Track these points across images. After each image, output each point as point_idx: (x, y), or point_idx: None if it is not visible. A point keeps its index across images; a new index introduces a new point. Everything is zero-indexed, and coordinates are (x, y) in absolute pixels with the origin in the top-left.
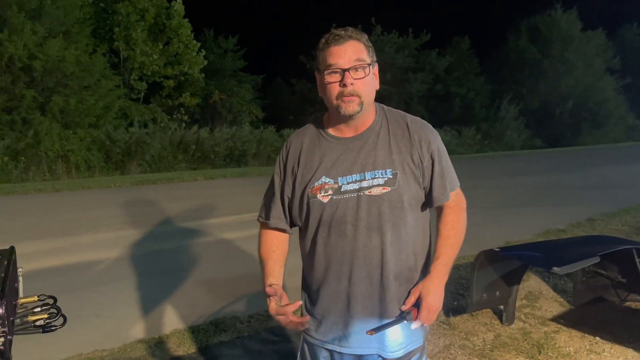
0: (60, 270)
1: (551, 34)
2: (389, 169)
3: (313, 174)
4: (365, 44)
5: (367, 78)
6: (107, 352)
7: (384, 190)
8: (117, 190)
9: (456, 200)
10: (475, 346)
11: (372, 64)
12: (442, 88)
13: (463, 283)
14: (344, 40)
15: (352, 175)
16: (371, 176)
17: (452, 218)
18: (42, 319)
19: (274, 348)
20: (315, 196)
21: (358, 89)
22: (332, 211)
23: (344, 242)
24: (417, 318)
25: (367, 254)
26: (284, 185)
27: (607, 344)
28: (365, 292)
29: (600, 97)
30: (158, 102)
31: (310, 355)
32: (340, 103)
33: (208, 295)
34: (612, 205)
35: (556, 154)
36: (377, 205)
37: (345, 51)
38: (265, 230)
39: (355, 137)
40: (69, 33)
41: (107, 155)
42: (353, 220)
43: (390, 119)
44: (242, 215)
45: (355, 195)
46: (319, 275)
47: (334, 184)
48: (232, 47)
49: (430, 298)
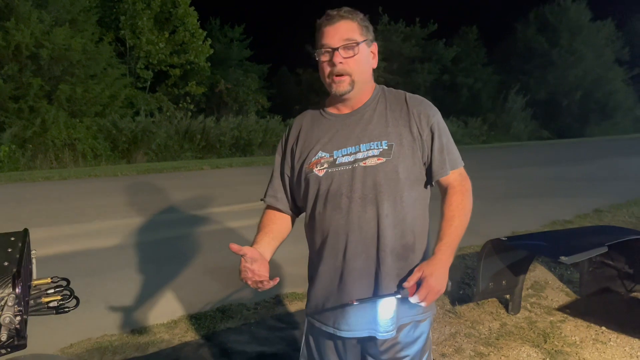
0: (69, 257)
1: (560, 24)
2: (384, 140)
3: (310, 150)
4: (360, 23)
5: (357, 57)
6: (116, 336)
7: (378, 161)
8: (123, 179)
9: (460, 180)
10: (481, 335)
11: (366, 42)
12: (449, 78)
13: (469, 272)
14: (336, 20)
15: (347, 148)
16: (366, 147)
17: (456, 199)
18: (55, 300)
19: (280, 335)
20: (311, 171)
21: (348, 68)
22: (327, 184)
23: (339, 215)
24: (416, 294)
25: (362, 226)
26: (284, 164)
27: (613, 334)
28: (361, 268)
29: (609, 88)
30: (164, 91)
31: (314, 341)
32: (331, 82)
33: (214, 283)
34: (619, 196)
35: (563, 146)
36: (372, 176)
37: (336, 31)
38: (268, 208)
39: (351, 113)
40: (75, 21)
41: (114, 144)
42: (348, 192)
43: (389, 96)
44: (248, 204)
45: (350, 167)
46: (317, 252)
47: (329, 158)
48: (238, 36)
49: (433, 280)
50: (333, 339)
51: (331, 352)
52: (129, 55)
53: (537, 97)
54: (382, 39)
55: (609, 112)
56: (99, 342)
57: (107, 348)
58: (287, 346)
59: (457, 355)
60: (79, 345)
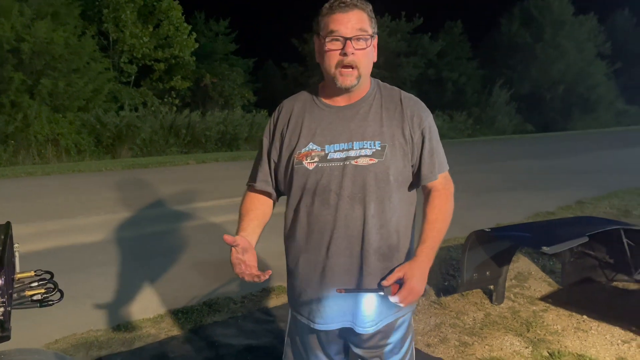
0: (53, 253)
1: (543, 19)
2: (377, 141)
3: (300, 140)
4: (369, 14)
5: (367, 50)
6: (101, 332)
7: (370, 162)
8: (108, 174)
9: (444, 183)
10: (466, 325)
11: (373, 35)
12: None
13: (454, 263)
14: (349, 8)
15: (339, 143)
16: (359, 146)
17: (439, 202)
18: (39, 293)
19: (267, 328)
20: (300, 162)
21: (358, 60)
22: (316, 179)
23: (326, 211)
24: (396, 295)
25: (349, 224)
26: (271, 148)
27: (594, 323)
28: (344, 265)
29: (591, 82)
30: (149, 86)
31: (297, 332)
32: (337, 74)
33: (201, 277)
34: (601, 189)
35: (547, 139)
36: (362, 175)
37: (349, 19)
38: (250, 192)
39: (347, 106)
40: (57, 15)
41: (98, 139)
42: (337, 189)
43: (384, 92)
44: (234, 199)
45: (341, 164)
46: (299, 244)
47: (321, 151)
48: (223, 30)
49: (414, 281)
50: (316, 330)
51: (314, 343)
52: (113, 49)
53: (521, 91)
54: None
55: (591, 106)
56: (84, 338)
57: (93, 343)
58: (274, 339)
59: (442, 345)
60: (64, 341)
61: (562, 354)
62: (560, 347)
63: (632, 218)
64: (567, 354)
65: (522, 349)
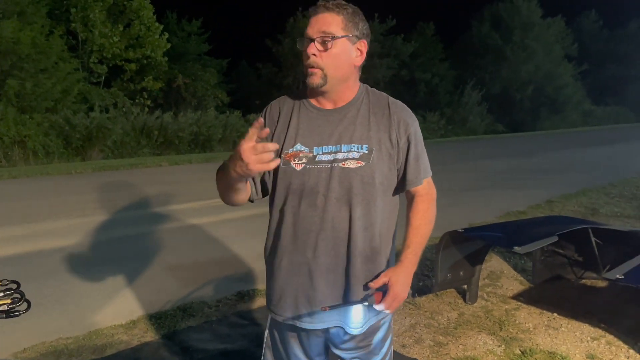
0: (20, 259)
1: (513, 21)
2: (365, 145)
3: (288, 140)
4: (345, 16)
5: (331, 51)
6: (71, 339)
7: (357, 165)
8: (78, 177)
9: (427, 189)
10: (440, 324)
11: (349, 38)
12: (408, 73)
13: (428, 264)
14: (320, 11)
15: (328, 146)
16: (347, 149)
17: (422, 207)
18: (5, 304)
19: (242, 331)
20: (288, 163)
21: (320, 62)
22: (304, 180)
23: (313, 213)
24: (381, 303)
25: (335, 225)
26: None
27: (564, 320)
28: (330, 265)
29: (559, 83)
30: (119, 86)
31: (277, 334)
32: (306, 74)
33: (175, 281)
34: (569, 187)
35: (517, 139)
36: (349, 178)
37: (317, 22)
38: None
39: (334, 109)
40: (23, 14)
41: (67, 141)
42: (324, 191)
43: (372, 98)
44: (208, 201)
45: (329, 166)
46: (284, 244)
47: (309, 153)
48: (195, 30)
49: (398, 287)
50: (297, 331)
51: (295, 343)
52: (82, 49)
53: (492, 92)
54: None
55: (559, 107)
56: (53, 346)
57: (63, 351)
58: (249, 342)
59: (417, 345)
60: (32, 350)
61: (533, 351)
62: (532, 344)
63: (600, 216)
64: (539, 352)
65: (495, 347)
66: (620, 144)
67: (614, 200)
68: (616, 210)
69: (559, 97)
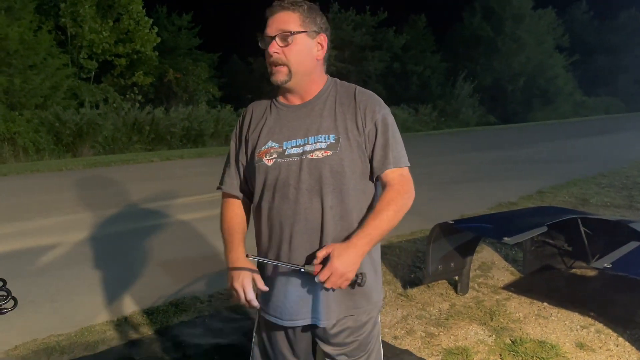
0: (10, 256)
1: (504, 12)
2: (332, 134)
3: (260, 139)
4: (302, 13)
5: (293, 47)
6: (63, 336)
7: (325, 154)
8: (68, 173)
9: (399, 180)
10: (432, 316)
11: (308, 33)
12: (400, 66)
13: (419, 256)
14: (276, 10)
15: (296, 139)
16: (314, 140)
17: (389, 195)
18: None
19: (235, 326)
20: (260, 160)
21: (284, 58)
22: (276, 174)
23: (287, 206)
24: (318, 275)
25: (308, 217)
26: (239, 152)
27: (554, 309)
28: (305, 258)
29: (550, 74)
30: (110, 82)
31: (265, 330)
32: (271, 72)
33: (167, 277)
34: (560, 178)
35: (509, 130)
36: (318, 168)
37: (274, 21)
38: (225, 198)
39: (302, 104)
40: (11, 9)
41: (57, 137)
42: (295, 184)
43: (340, 89)
44: (200, 196)
45: (298, 158)
46: (264, 240)
47: (279, 148)
48: (186, 24)
49: (338, 262)
50: (282, 328)
51: (282, 341)
52: (71, 44)
53: (483, 84)
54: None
55: (551, 97)
56: (45, 343)
57: (54, 348)
58: (242, 336)
59: (408, 336)
60: (24, 347)
61: (524, 340)
62: (522, 334)
63: (590, 206)
64: (529, 341)
65: (486, 337)
66: (611, 134)
67: (604, 190)
68: (606, 200)
69: (551, 88)
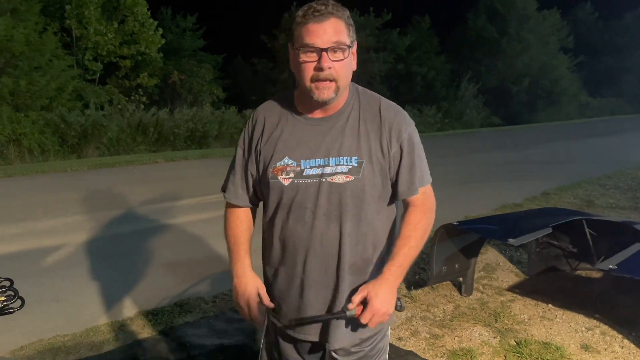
0: (16, 257)
1: (508, 13)
2: (354, 157)
3: (276, 154)
4: (347, 21)
5: (346, 61)
6: (69, 336)
7: (346, 179)
8: (73, 174)
9: (423, 199)
10: (436, 317)
11: (351, 44)
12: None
13: (424, 257)
14: (324, 17)
15: (315, 159)
16: (335, 162)
17: (415, 218)
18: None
19: (239, 326)
20: (276, 177)
21: (335, 73)
22: (292, 195)
23: (302, 229)
24: (360, 317)
25: (324, 243)
26: (248, 161)
27: (559, 311)
28: (320, 280)
29: (555, 75)
30: (114, 83)
31: (275, 336)
32: (313, 88)
33: (171, 278)
34: (565, 179)
35: (513, 132)
36: (338, 193)
37: (325, 30)
38: (229, 207)
39: (323, 118)
40: (16, 11)
41: (62, 139)
42: (312, 207)
43: (363, 101)
44: (204, 197)
45: (317, 180)
46: (276, 257)
47: (296, 167)
48: (190, 26)
49: (377, 302)
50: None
51: (290, 348)
52: (76, 46)
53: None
54: None
55: (555, 99)
56: (51, 343)
57: (60, 348)
58: (246, 337)
59: (413, 338)
60: (30, 347)
61: (528, 342)
62: (527, 335)
63: (595, 208)
64: (534, 343)
65: (490, 339)
66: (616, 135)
67: (609, 192)
68: (611, 202)
69: (555, 89)
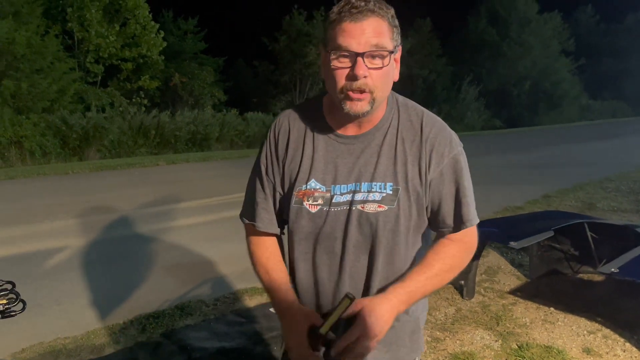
0: (17, 259)
1: (509, 16)
2: (389, 183)
3: (300, 174)
4: (390, 22)
5: (385, 69)
6: (69, 339)
7: (379, 209)
8: (75, 177)
9: (463, 235)
10: (438, 320)
11: (395, 50)
12: (405, 70)
13: None
14: (363, 15)
15: (346, 184)
16: (367, 188)
17: (449, 250)
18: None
19: (240, 329)
20: (301, 202)
21: (371, 83)
22: (319, 224)
23: (331, 261)
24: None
25: (354, 275)
26: (275, 178)
27: (561, 314)
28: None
29: (556, 78)
30: (116, 86)
31: None
32: (345, 99)
33: (172, 280)
34: (566, 182)
35: (514, 134)
36: (369, 224)
37: (363, 31)
38: (255, 236)
39: (357, 136)
40: (18, 14)
41: (64, 141)
42: (342, 237)
43: (403, 116)
44: (206, 200)
45: (347, 208)
46: (303, 285)
47: (326, 192)
48: (192, 28)
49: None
50: None
51: None
52: (78, 48)
53: (489, 88)
54: None
55: (556, 101)
56: (52, 346)
57: (61, 351)
58: (247, 340)
59: None
60: (31, 350)
61: (530, 346)
62: (529, 339)
63: (597, 211)
64: (535, 346)
65: (492, 342)
66: (618, 138)
67: (610, 195)
68: (613, 205)
69: (556, 92)
